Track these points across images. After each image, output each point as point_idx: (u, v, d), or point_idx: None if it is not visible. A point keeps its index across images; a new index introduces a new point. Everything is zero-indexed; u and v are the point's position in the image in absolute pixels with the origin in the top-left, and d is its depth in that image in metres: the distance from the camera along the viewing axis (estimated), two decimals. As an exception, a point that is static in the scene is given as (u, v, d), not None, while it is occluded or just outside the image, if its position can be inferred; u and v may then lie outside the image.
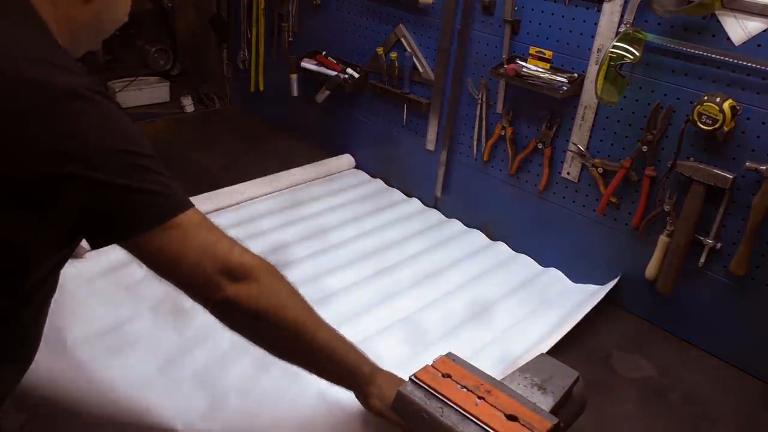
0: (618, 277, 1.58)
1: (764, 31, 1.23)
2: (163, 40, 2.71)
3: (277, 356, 0.95)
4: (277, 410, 1.20)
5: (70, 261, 0.85)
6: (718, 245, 1.38)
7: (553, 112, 1.61)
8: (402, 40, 1.92)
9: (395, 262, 1.64)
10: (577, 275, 1.67)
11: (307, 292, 1.43)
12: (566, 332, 1.38)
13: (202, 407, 1.23)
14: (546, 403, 1.03)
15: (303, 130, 2.41)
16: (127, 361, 1.31)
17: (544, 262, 1.73)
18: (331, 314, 1.37)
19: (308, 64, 2.14)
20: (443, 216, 1.93)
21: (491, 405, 0.95)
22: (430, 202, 1.99)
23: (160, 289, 1.40)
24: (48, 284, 0.83)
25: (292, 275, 1.49)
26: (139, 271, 1.42)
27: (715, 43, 1.29)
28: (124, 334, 1.35)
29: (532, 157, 1.70)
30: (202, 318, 1.32)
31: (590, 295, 1.56)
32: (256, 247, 1.61)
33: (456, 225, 1.88)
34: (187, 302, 1.37)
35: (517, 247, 1.78)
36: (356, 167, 2.24)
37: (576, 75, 1.52)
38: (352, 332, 1.34)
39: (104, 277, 1.48)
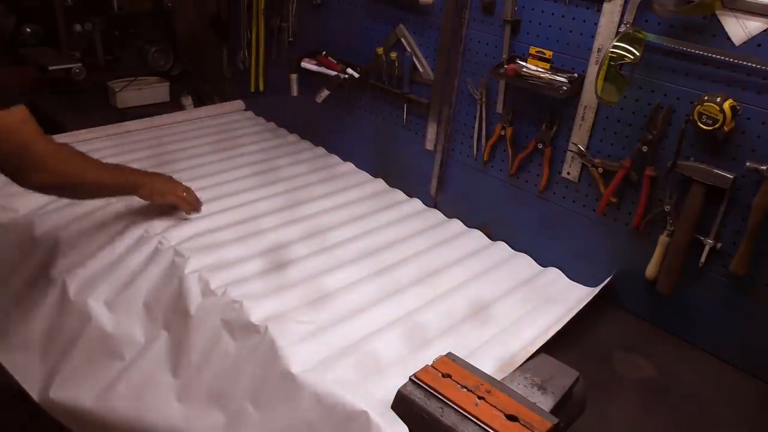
0: (611, 276, 1.58)
1: (764, 31, 1.23)
2: (163, 40, 2.71)
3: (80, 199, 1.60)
4: (279, 416, 1.21)
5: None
6: (719, 245, 1.38)
7: (553, 112, 1.60)
8: (402, 40, 1.92)
9: (395, 261, 1.64)
10: (577, 275, 1.67)
11: (307, 291, 1.46)
12: (556, 331, 1.37)
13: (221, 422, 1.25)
14: (546, 403, 1.03)
15: (303, 130, 2.41)
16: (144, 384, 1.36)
17: (544, 261, 1.73)
18: (331, 312, 1.40)
19: (308, 64, 2.14)
20: (443, 216, 1.93)
21: (491, 405, 0.95)
22: (430, 202, 1.99)
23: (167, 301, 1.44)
24: None
25: (293, 274, 1.53)
26: (145, 283, 1.47)
27: (716, 43, 1.29)
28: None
29: (532, 157, 1.70)
30: (204, 332, 1.36)
31: (588, 294, 1.57)
32: (256, 246, 1.65)
33: (456, 225, 1.88)
34: (191, 307, 1.41)
35: (517, 247, 1.78)
36: (245, 109, 2.56)
37: (576, 75, 1.52)
38: (352, 330, 1.35)
39: (123, 292, 1.50)
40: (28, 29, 2.48)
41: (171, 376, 1.36)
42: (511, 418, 0.93)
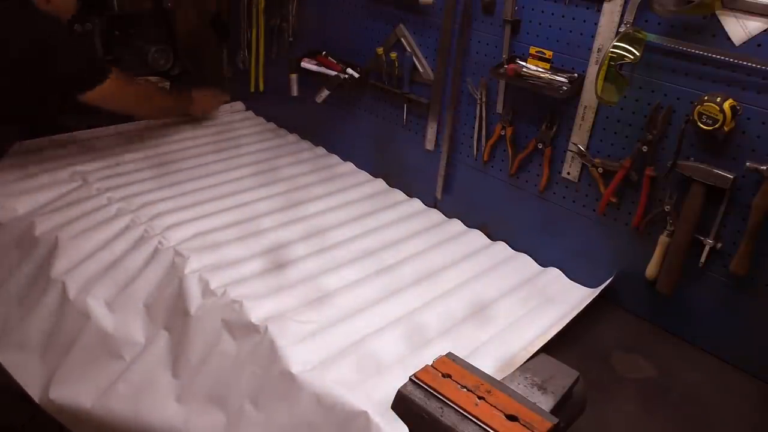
0: (612, 277, 1.58)
1: (764, 31, 1.23)
2: (163, 40, 2.71)
3: None
4: (279, 416, 1.21)
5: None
6: (719, 245, 1.38)
7: (553, 112, 1.60)
8: (402, 40, 1.92)
9: (395, 261, 1.64)
10: (577, 275, 1.67)
11: (307, 291, 1.47)
12: (557, 332, 1.37)
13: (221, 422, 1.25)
14: (546, 403, 1.03)
15: (303, 130, 2.41)
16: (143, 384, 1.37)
17: (544, 261, 1.73)
18: (331, 312, 1.40)
19: (308, 64, 2.14)
20: (443, 216, 1.93)
21: (491, 405, 0.95)
22: (430, 202, 1.99)
23: (168, 301, 1.44)
24: None
25: (293, 274, 1.53)
26: (145, 283, 1.47)
27: (716, 43, 1.29)
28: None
29: (532, 157, 1.70)
30: (203, 332, 1.36)
31: (589, 294, 1.57)
32: (256, 246, 1.65)
33: (456, 225, 1.88)
34: (191, 307, 1.41)
35: (517, 247, 1.78)
36: (245, 109, 2.61)
37: (576, 75, 1.52)
38: (352, 330, 1.35)
39: (122, 292, 1.51)
40: (28, 29, 2.48)
41: (171, 376, 1.36)
42: (511, 418, 0.93)
